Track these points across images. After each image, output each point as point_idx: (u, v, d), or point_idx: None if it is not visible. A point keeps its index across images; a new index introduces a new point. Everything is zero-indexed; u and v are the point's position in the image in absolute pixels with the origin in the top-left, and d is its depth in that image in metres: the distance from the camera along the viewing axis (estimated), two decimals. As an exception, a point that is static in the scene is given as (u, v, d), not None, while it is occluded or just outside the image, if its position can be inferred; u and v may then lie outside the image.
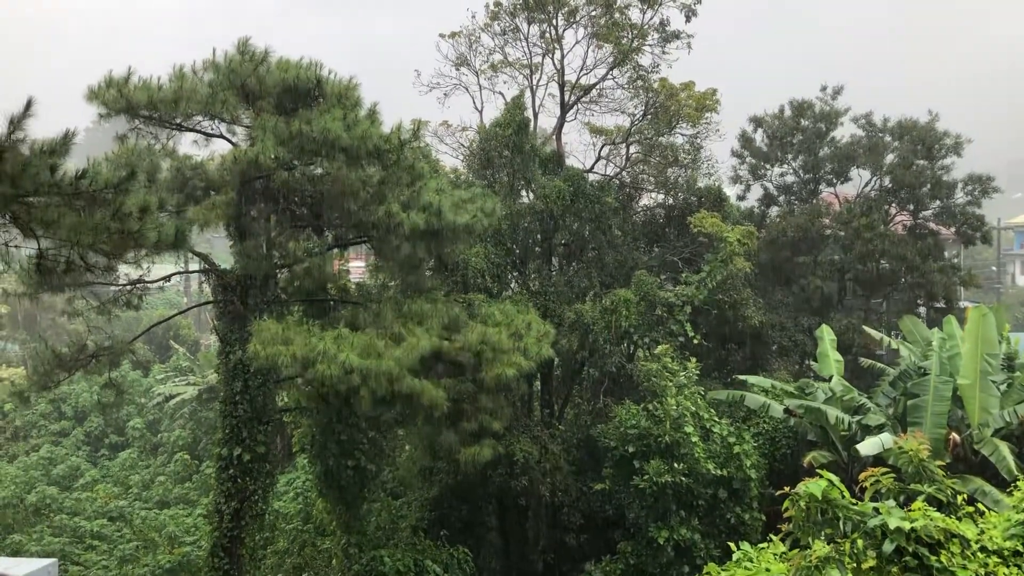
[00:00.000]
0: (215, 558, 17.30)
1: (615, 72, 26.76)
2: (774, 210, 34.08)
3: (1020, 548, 7.09)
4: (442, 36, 28.01)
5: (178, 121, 17.07)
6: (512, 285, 25.44)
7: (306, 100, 17.03)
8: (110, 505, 32.24)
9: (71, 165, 9.92)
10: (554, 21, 26.43)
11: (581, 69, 26.83)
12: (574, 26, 26.52)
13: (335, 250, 20.12)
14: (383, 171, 17.17)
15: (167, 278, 19.57)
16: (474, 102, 28.15)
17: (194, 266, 19.01)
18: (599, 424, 23.09)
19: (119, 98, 15.76)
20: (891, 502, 7.54)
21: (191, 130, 17.45)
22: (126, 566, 26.22)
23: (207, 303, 21.27)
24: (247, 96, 16.82)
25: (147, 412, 43.29)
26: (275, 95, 16.78)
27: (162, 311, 51.94)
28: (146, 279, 17.23)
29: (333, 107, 16.57)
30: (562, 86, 26.77)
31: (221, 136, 17.75)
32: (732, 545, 10.84)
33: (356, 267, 29.30)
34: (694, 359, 22.47)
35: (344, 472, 19.48)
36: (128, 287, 17.28)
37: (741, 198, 34.03)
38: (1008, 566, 6.97)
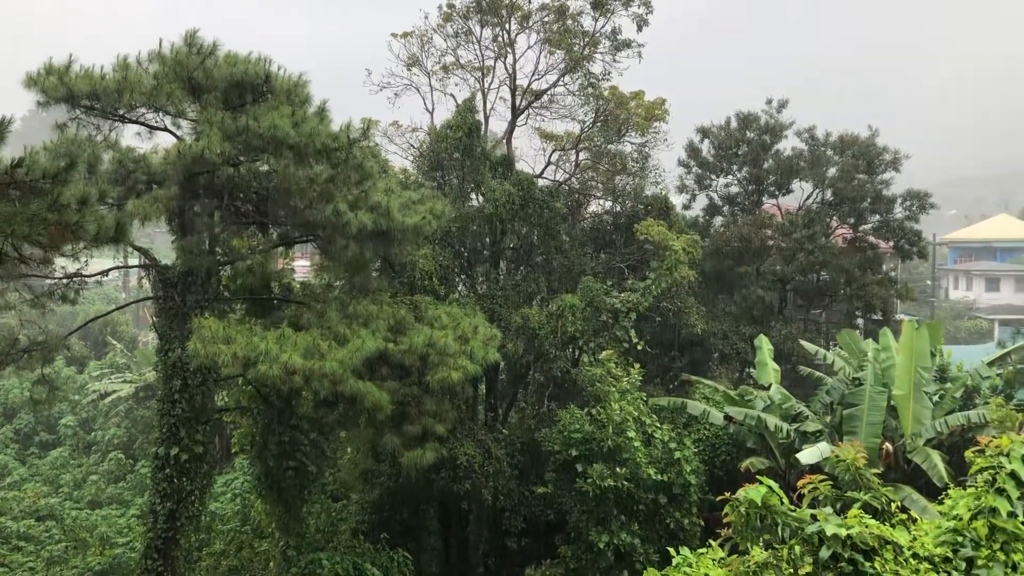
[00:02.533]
0: (148, 559, 16.91)
1: (566, 78, 26.92)
2: (718, 220, 34.59)
3: (949, 555, 7.27)
4: (394, 36, 27.89)
5: (121, 112, 16.64)
6: (460, 288, 25.38)
7: (254, 95, 16.74)
8: (39, 504, 31.31)
9: (7, 153, 9.62)
10: (507, 25, 26.48)
11: (533, 74, 26.96)
12: (527, 31, 26.61)
13: (280, 248, 19.84)
14: (331, 170, 16.94)
15: (105, 272, 19.09)
16: (425, 103, 28.08)
17: (134, 261, 18.57)
18: (543, 428, 23.15)
19: (59, 86, 15.32)
20: (828, 509, 7.68)
21: (134, 122, 17.03)
22: (54, 567, 25.50)
23: (146, 299, 20.80)
24: (193, 89, 16.47)
25: (81, 410, 42.20)
26: (222, 89, 16.45)
27: (99, 306, 50.66)
28: (83, 273, 16.75)
29: (282, 104, 16.31)
30: (513, 90, 26.82)
31: (165, 129, 17.35)
32: (671, 550, 10.92)
33: (301, 266, 28.96)
34: (638, 365, 22.67)
35: (284, 473, 19.21)
36: (64, 280, 16.81)
37: (687, 207, 34.47)
38: (938, 572, 7.15)
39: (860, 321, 33.79)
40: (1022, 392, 24.18)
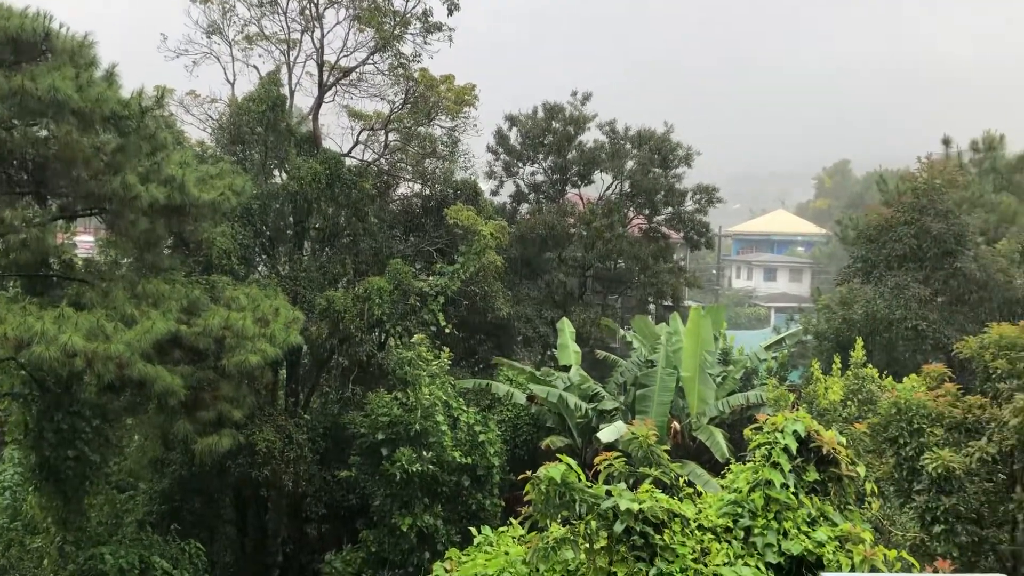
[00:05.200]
0: (-103, 564, 15.20)
1: (376, 57, 26.42)
2: (525, 207, 35.33)
3: (730, 525, 7.82)
4: (193, 1, 26.30)
5: None
6: (260, 269, 24.49)
7: (31, 55, 15.31)
8: None
9: None
10: (315, -2, 25.66)
11: (341, 51, 26.24)
12: (336, 6, 25.86)
13: (60, 221, 18.32)
14: (120, 139, 15.81)
15: None
16: (226, 74, 26.65)
17: None
18: (348, 412, 22.85)
19: None
20: (622, 485, 8.04)
21: None
22: None
23: (-102, 274, 18.58)
24: (-42, 42, 14.85)
25: None
26: (-7, 44, 14.94)
27: None
28: None
29: (64, 65, 15.03)
30: (321, 66, 26.04)
31: (-78, 84, 15.52)
32: (473, 530, 11.10)
33: (84, 241, 26.89)
34: (446, 348, 22.82)
35: (63, 464, 17.79)
36: None
37: (495, 193, 34.94)
38: (720, 541, 7.66)
39: (652, 307, 35.68)
40: (794, 374, 26.41)
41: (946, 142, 31.11)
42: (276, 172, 24.71)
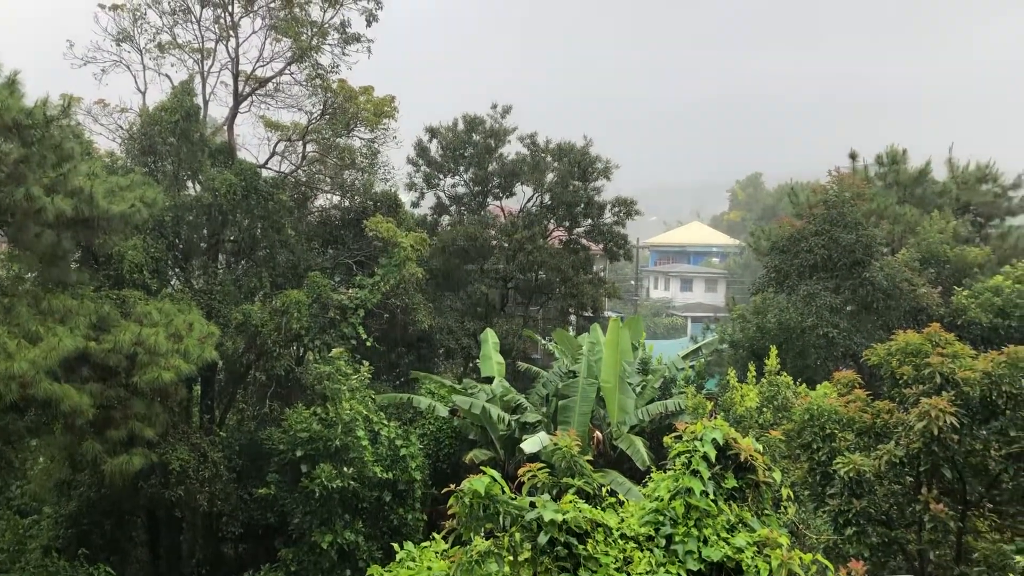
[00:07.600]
0: None
1: (293, 68, 26.05)
2: (446, 219, 35.28)
3: (652, 533, 7.89)
4: (101, 7, 25.49)
5: None
6: (174, 283, 23.80)
7: (-74, 59, 14.66)
8: None
9: None
10: (230, 7, 25.16)
11: (258, 60, 25.80)
12: (251, 15, 25.44)
13: (-42, 235, 17.52)
14: (23, 149, 15.23)
15: None
16: (136, 82, 25.89)
17: None
18: (265, 429, 22.37)
19: None
20: (546, 496, 8.04)
21: None
22: None
23: None
24: None
25: None
26: None
27: None
28: None
29: (-39, 70, 14.43)
30: (236, 76, 25.55)
31: None
32: (395, 546, 10.96)
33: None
34: (367, 362, 22.55)
35: (-40, 490, 17.00)
36: None
37: (415, 205, 34.80)
38: (642, 550, 7.73)
39: (573, 317, 35.96)
40: (711, 382, 26.96)
41: (853, 156, 32.31)
42: (189, 183, 24.08)
